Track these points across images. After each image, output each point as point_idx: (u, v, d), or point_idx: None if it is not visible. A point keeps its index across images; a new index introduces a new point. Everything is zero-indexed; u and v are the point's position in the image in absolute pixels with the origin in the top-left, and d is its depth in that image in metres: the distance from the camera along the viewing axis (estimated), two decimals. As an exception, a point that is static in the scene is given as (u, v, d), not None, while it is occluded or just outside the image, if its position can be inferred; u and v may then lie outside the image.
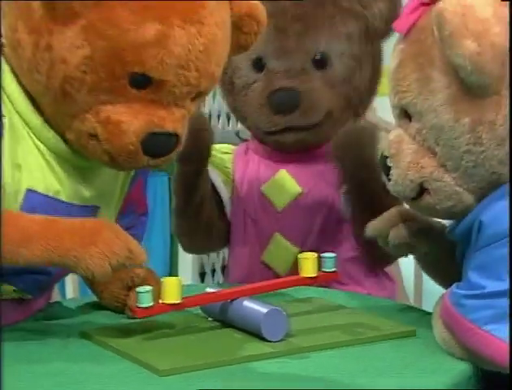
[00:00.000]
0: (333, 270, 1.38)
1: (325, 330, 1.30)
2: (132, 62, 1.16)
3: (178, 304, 1.23)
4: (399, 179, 1.27)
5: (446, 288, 1.34)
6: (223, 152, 1.77)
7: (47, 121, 1.24)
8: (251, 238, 1.70)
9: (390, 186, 1.29)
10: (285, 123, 1.62)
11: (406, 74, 1.24)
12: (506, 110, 1.18)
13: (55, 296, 1.64)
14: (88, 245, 1.15)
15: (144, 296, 1.21)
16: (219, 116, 2.82)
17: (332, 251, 1.54)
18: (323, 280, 1.39)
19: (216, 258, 2.71)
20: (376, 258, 1.67)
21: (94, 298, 1.46)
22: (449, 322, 1.20)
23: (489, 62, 1.13)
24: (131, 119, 1.18)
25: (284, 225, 1.68)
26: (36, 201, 1.22)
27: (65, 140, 1.24)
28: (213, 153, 1.73)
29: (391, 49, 1.35)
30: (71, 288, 1.77)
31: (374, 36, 1.66)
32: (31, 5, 1.17)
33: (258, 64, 1.63)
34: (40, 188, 1.23)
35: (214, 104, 2.85)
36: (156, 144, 1.20)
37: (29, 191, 1.22)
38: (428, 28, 1.20)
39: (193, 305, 1.29)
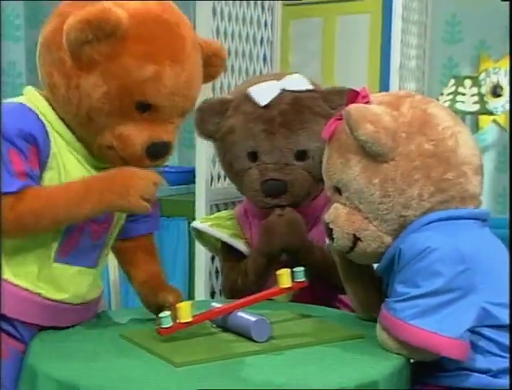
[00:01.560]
0: (303, 280, 1.38)
1: (297, 334, 1.35)
2: (136, 94, 1.24)
3: (190, 322, 1.28)
4: (339, 235, 1.35)
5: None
6: (228, 219, 1.83)
7: (77, 137, 1.30)
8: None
9: (334, 242, 1.37)
10: (274, 203, 1.68)
11: (333, 162, 1.35)
12: (402, 170, 1.27)
13: (103, 306, 1.66)
14: (125, 194, 1.22)
15: (165, 320, 1.26)
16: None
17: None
18: (295, 288, 1.38)
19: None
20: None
21: (130, 310, 1.50)
22: (384, 325, 1.25)
23: (383, 137, 1.26)
24: (137, 134, 1.26)
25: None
26: None
27: (90, 150, 1.31)
28: (219, 222, 1.81)
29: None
30: (114, 303, 1.79)
31: None
32: (63, 57, 1.23)
33: (253, 156, 1.70)
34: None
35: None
36: (156, 150, 1.28)
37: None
38: (342, 131, 1.32)
39: (201, 321, 1.32)
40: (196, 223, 1.88)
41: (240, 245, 1.79)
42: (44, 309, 1.33)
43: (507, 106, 4.34)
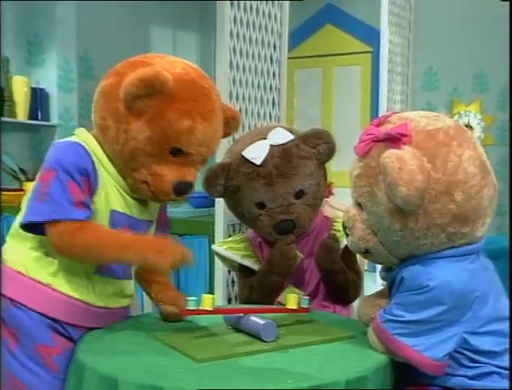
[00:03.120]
0: (307, 306, 1.42)
1: (300, 335, 1.34)
2: (173, 141, 1.28)
3: (210, 310, 1.31)
4: (353, 245, 1.32)
5: None
6: (241, 242, 1.84)
7: (118, 172, 1.32)
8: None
9: (349, 246, 1.34)
10: (285, 237, 1.72)
11: (361, 185, 1.24)
12: (422, 223, 1.19)
13: (136, 309, 1.66)
14: (161, 253, 1.23)
15: (191, 303, 1.30)
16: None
17: (325, 294, 1.68)
18: (299, 312, 1.41)
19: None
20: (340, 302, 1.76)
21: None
22: (377, 332, 1.24)
23: (414, 199, 1.15)
24: (168, 174, 1.29)
25: (290, 279, 1.73)
26: (117, 217, 1.32)
27: (126, 182, 1.33)
28: (232, 245, 1.83)
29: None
30: (149, 306, 1.77)
31: (322, 163, 1.73)
32: (118, 106, 1.26)
33: (260, 205, 1.72)
34: (118, 208, 1.33)
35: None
36: (181, 188, 1.31)
37: (113, 211, 1.32)
38: (377, 159, 1.19)
39: (220, 313, 1.33)
40: (214, 247, 1.90)
41: (251, 264, 1.80)
42: (88, 314, 1.35)
43: (477, 143, 4.32)
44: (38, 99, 4.31)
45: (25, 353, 1.30)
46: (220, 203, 2.60)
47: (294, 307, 1.40)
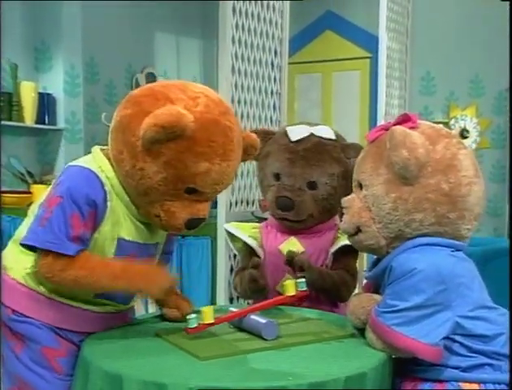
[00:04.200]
0: (305, 289, 1.39)
1: (300, 333, 1.34)
2: (189, 182, 1.24)
3: (212, 323, 1.30)
4: (347, 221, 1.34)
5: None
6: (253, 228, 1.85)
7: (132, 202, 1.30)
8: (272, 276, 1.72)
9: (341, 225, 1.37)
10: (283, 215, 1.72)
11: (366, 162, 1.32)
12: (415, 196, 1.24)
13: (141, 310, 1.67)
14: (150, 283, 1.28)
15: (191, 321, 1.28)
16: (241, 201, 2.81)
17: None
18: (299, 296, 1.39)
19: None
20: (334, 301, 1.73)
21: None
22: (373, 328, 1.25)
23: (412, 166, 1.23)
24: (181, 211, 1.26)
25: (289, 270, 1.70)
26: (123, 245, 1.30)
27: (138, 211, 1.31)
28: (244, 227, 1.84)
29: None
30: (153, 308, 1.77)
31: (349, 176, 1.59)
32: (135, 143, 1.21)
33: (277, 176, 1.74)
34: (126, 237, 1.31)
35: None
36: (193, 224, 1.28)
37: (120, 238, 1.30)
38: (383, 141, 1.28)
39: (220, 322, 1.32)
40: (226, 225, 1.92)
41: (255, 246, 1.80)
42: (89, 319, 1.35)
43: (473, 146, 4.33)
44: (45, 104, 4.33)
45: (30, 356, 1.30)
46: (222, 204, 2.60)
47: (293, 293, 1.38)
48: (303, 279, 1.41)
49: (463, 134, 4.42)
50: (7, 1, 4.27)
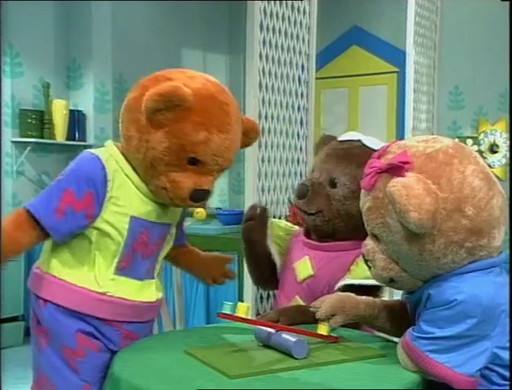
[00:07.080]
0: (337, 336, 1.38)
1: (330, 352, 1.32)
2: (190, 151, 1.32)
3: (243, 318, 1.32)
4: (377, 276, 1.29)
5: (393, 335, 1.39)
6: (287, 233, 1.84)
7: (141, 178, 1.37)
8: (283, 289, 1.74)
9: (372, 275, 1.31)
10: (298, 204, 1.74)
11: (373, 218, 1.24)
12: (439, 243, 1.17)
13: (170, 327, 1.66)
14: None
15: (227, 307, 1.32)
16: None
17: None
18: (329, 339, 1.38)
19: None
20: None
21: (192, 330, 1.51)
22: (407, 351, 1.22)
23: (426, 221, 1.14)
24: (185, 181, 1.33)
25: (300, 290, 1.71)
26: (136, 223, 1.36)
27: (148, 188, 1.38)
28: (280, 233, 1.83)
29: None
30: (181, 322, 1.79)
31: None
32: (140, 118, 1.31)
33: (312, 170, 1.80)
34: (138, 215, 1.37)
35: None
36: (197, 195, 1.35)
37: (132, 217, 1.36)
38: (383, 190, 1.19)
39: (251, 322, 1.34)
40: (274, 220, 1.93)
41: (273, 250, 1.81)
42: (117, 308, 1.38)
43: (503, 161, 4.26)
44: (76, 120, 4.41)
45: (54, 351, 1.36)
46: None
47: (325, 334, 1.37)
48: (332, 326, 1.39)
49: (493, 149, 4.35)
50: (41, 23, 4.38)
